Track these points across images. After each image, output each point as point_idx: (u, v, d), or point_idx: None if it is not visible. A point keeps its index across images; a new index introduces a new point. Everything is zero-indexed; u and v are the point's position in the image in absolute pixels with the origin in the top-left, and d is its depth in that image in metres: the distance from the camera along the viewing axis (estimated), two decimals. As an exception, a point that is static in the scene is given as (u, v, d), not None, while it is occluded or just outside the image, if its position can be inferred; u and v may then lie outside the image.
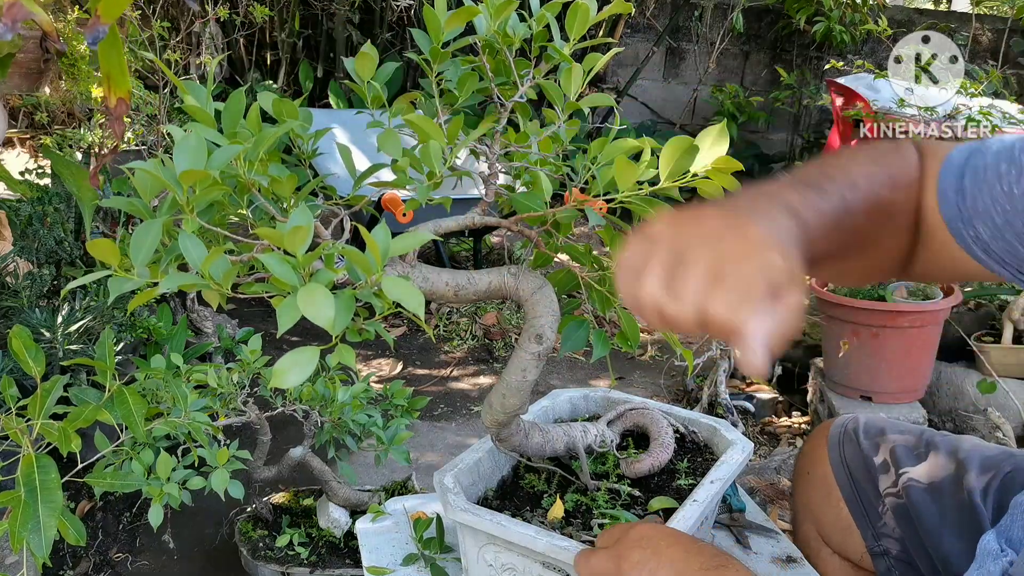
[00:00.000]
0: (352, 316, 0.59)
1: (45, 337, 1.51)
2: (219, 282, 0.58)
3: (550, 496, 0.95)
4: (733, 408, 2.36)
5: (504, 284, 0.80)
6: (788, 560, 1.06)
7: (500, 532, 0.83)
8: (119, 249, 0.57)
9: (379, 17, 5.08)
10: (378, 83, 0.80)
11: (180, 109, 5.06)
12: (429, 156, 0.71)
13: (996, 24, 5.22)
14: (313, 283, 0.55)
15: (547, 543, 0.81)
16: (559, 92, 0.80)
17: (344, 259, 0.62)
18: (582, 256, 0.82)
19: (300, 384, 0.75)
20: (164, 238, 0.61)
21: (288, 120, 0.71)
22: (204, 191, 0.59)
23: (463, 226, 0.80)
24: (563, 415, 1.12)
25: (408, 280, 0.59)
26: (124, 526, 1.80)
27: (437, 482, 0.91)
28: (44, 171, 2.42)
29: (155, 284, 0.58)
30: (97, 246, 0.55)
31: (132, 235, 0.57)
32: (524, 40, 0.81)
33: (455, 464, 0.94)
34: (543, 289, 0.80)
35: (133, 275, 0.57)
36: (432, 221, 0.78)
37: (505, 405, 0.84)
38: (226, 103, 0.67)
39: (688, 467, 1.00)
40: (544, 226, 0.80)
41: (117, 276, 0.57)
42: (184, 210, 0.60)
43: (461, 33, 0.81)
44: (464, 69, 0.81)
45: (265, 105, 0.73)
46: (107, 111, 0.62)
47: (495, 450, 0.97)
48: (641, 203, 0.72)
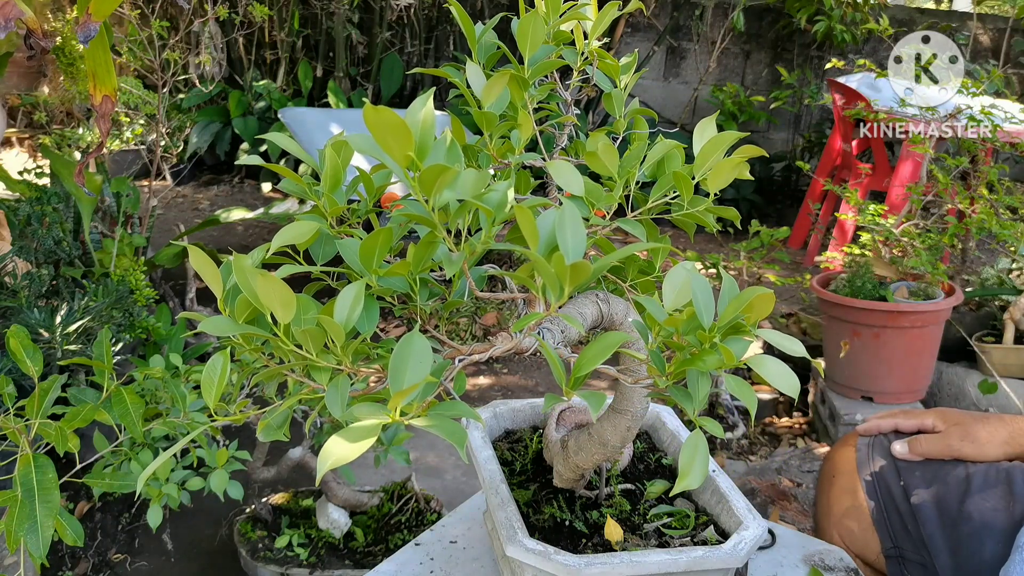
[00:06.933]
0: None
1: (43, 337, 1.50)
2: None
3: (571, 522, 0.85)
4: (734, 408, 2.36)
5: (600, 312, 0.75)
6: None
7: (635, 570, 0.73)
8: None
9: (379, 16, 5.07)
10: (383, 82, 0.79)
11: (179, 108, 5.06)
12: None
13: (997, 23, 5.22)
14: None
15: (689, 558, 0.73)
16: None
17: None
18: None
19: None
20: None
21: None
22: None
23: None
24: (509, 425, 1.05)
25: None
26: (123, 527, 1.79)
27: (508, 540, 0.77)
28: (43, 171, 2.41)
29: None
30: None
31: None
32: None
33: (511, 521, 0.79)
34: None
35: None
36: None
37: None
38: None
39: (644, 447, 0.99)
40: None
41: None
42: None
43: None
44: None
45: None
46: (94, 108, 0.62)
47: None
48: (701, 214, 0.71)
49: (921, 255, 2.29)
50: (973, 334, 2.42)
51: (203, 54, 4.53)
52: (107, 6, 0.58)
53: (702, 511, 0.87)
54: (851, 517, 1.08)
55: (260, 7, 3.74)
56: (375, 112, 0.53)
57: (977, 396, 2.31)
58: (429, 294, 0.71)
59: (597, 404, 0.59)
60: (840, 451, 1.14)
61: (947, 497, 1.00)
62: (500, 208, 0.62)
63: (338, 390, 0.57)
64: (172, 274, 2.81)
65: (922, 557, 1.00)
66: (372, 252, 0.62)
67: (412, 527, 1.63)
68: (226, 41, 5.06)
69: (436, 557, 0.97)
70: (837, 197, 3.82)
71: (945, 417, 1.05)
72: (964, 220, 2.50)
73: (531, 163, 0.79)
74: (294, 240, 0.62)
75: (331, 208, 0.66)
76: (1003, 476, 0.99)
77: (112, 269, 2.12)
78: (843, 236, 3.51)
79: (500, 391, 2.67)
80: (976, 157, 2.71)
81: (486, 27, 0.80)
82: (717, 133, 0.70)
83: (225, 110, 5.18)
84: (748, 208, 4.91)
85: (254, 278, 0.55)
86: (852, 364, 2.27)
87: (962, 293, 2.33)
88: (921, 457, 1.04)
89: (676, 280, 0.61)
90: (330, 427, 1.48)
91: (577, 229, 0.59)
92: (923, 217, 2.62)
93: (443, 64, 1.60)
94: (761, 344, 2.31)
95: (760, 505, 1.92)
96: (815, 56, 5.31)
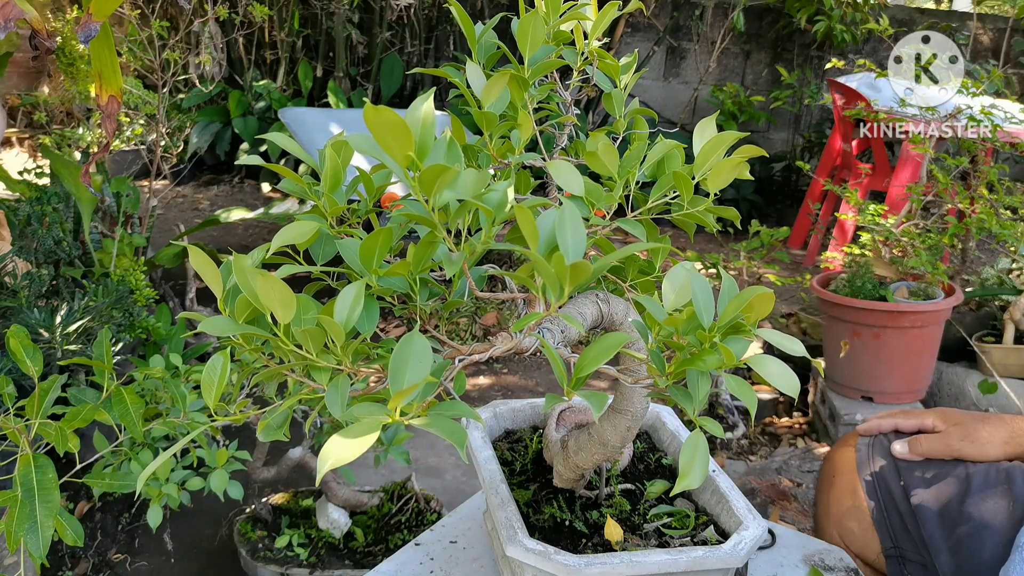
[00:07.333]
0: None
1: (43, 337, 1.50)
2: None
3: (571, 522, 0.85)
4: (734, 408, 2.36)
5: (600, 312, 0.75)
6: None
7: (635, 570, 0.73)
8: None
9: (379, 16, 5.07)
10: (383, 82, 0.79)
11: (179, 108, 5.06)
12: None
13: (997, 23, 5.22)
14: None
15: (689, 558, 0.73)
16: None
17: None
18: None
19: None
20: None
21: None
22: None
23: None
24: (509, 425, 1.05)
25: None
26: (123, 527, 1.79)
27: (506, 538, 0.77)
28: (43, 171, 2.41)
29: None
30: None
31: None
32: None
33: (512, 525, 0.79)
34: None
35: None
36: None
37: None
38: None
39: (644, 447, 1.00)
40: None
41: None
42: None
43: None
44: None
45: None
46: (100, 108, 0.62)
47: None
48: (701, 213, 0.71)
49: (921, 255, 2.29)
50: (973, 334, 2.42)
51: (203, 54, 4.53)
52: (108, 6, 0.58)
53: (702, 511, 0.87)
54: (851, 517, 1.08)
55: (260, 7, 3.74)
56: (375, 112, 0.53)
57: (977, 396, 2.31)
58: (429, 294, 0.71)
59: (598, 404, 0.59)
60: (840, 451, 1.14)
61: (947, 497, 1.00)
62: (500, 208, 0.62)
63: (338, 390, 0.57)
64: (172, 274, 2.81)
65: (922, 557, 1.00)
66: (372, 252, 0.62)
67: (412, 527, 1.63)
68: (226, 41, 5.06)
69: (436, 557, 0.97)
70: (837, 197, 3.82)
71: (945, 417, 1.06)
72: (964, 220, 2.49)
73: (531, 163, 0.79)
74: (294, 240, 0.62)
75: (331, 208, 0.66)
76: (1003, 476, 0.99)
77: (112, 269, 2.13)
78: (843, 236, 3.51)
79: (500, 391, 2.67)
80: (976, 157, 2.71)
81: (486, 27, 0.80)
82: (717, 133, 0.70)
83: (225, 110, 5.18)
84: (748, 208, 4.91)
85: (254, 278, 0.54)
86: (852, 364, 2.27)
87: (962, 293, 2.32)
88: (921, 457, 1.04)
89: (676, 280, 0.61)
90: (330, 427, 1.48)
91: (577, 229, 0.59)
92: (923, 217, 2.61)
93: (443, 64, 1.60)
94: (761, 344, 2.31)
95: (760, 505, 1.92)
96: (815, 56, 5.31)
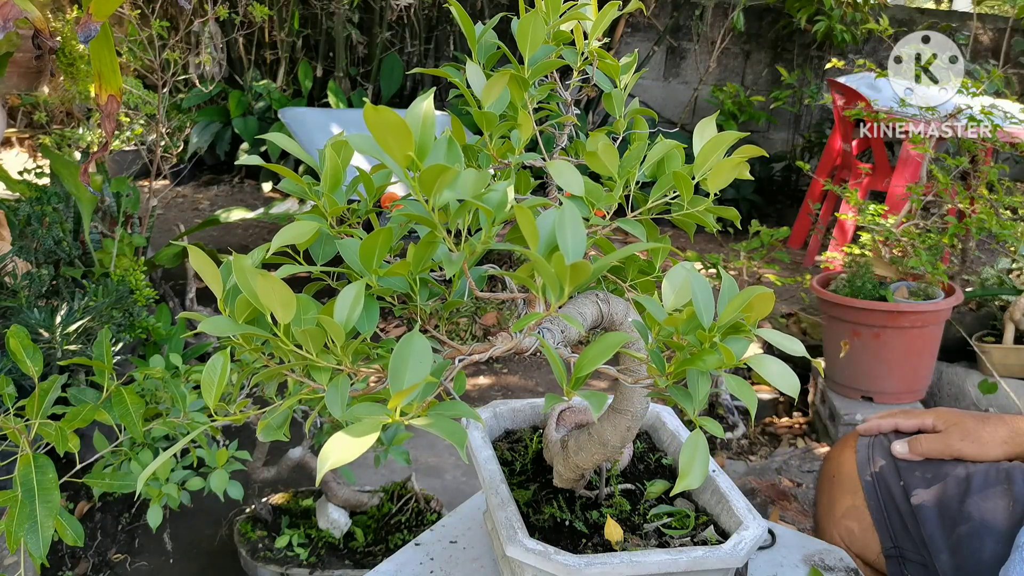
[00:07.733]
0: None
1: (43, 337, 1.50)
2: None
3: (571, 522, 0.85)
4: (734, 408, 2.36)
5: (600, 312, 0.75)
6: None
7: (635, 570, 0.73)
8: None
9: (379, 16, 5.07)
10: (383, 82, 0.79)
11: (179, 108, 5.06)
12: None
13: (997, 23, 5.22)
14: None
15: (689, 558, 0.73)
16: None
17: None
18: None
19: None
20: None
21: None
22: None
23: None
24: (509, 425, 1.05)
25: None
26: (123, 527, 1.79)
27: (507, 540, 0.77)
28: (43, 171, 2.41)
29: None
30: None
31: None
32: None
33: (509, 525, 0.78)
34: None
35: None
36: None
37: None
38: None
39: (644, 447, 1.00)
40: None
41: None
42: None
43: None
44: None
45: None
46: (99, 108, 0.62)
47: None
48: (701, 213, 0.71)
49: (921, 255, 2.29)
50: (973, 334, 2.42)
51: (203, 54, 4.53)
52: (108, 6, 0.58)
53: (702, 511, 0.87)
54: (851, 517, 1.08)
55: (260, 7, 3.74)
56: (375, 112, 0.53)
57: (977, 396, 2.31)
58: (429, 294, 0.71)
59: (598, 404, 0.59)
60: (840, 451, 1.14)
61: (947, 497, 1.00)
62: (500, 208, 0.61)
63: (338, 390, 0.57)
64: (172, 274, 2.81)
65: (922, 557, 1.00)
66: (372, 252, 0.62)
67: (412, 527, 1.63)
68: (226, 41, 5.06)
69: (436, 557, 0.97)
70: (837, 197, 3.82)
71: (945, 417, 1.06)
72: (964, 220, 2.50)
73: (531, 163, 0.79)
74: (294, 240, 0.62)
75: (331, 208, 0.66)
76: (1003, 476, 0.99)
77: (112, 269, 2.13)
78: (843, 236, 3.51)
79: (500, 391, 2.67)
80: (976, 157, 2.71)
81: (486, 27, 0.80)
82: (717, 133, 0.70)
83: (225, 110, 5.18)
84: (748, 208, 4.91)
85: (254, 278, 0.54)
86: (852, 364, 2.27)
87: (962, 293, 2.32)
88: (921, 457, 1.04)
89: (676, 280, 0.61)
90: (330, 427, 1.48)
91: (577, 229, 0.59)
92: (923, 217, 2.61)
93: (443, 64, 1.60)
94: (761, 344, 2.31)
95: (760, 505, 1.92)
96: (815, 56, 5.31)
